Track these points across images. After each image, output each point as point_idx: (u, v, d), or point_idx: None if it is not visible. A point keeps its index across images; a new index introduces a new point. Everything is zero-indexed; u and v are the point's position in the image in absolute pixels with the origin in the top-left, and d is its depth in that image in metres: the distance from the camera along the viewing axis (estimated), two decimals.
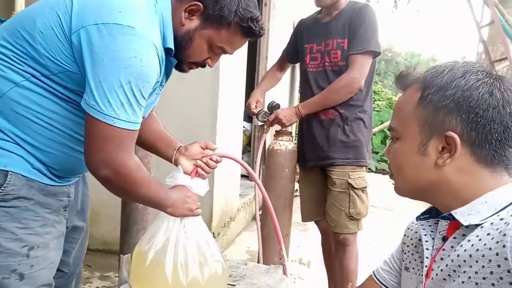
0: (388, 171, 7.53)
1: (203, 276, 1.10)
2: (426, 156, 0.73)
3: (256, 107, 2.00)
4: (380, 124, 7.64)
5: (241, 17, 0.98)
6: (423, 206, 0.80)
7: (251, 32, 1.03)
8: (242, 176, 3.85)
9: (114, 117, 0.87)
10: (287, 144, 1.84)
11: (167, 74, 1.05)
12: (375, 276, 0.96)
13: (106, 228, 2.63)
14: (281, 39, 4.68)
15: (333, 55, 1.85)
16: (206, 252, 1.12)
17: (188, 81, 2.51)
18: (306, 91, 1.95)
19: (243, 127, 3.83)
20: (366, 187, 1.88)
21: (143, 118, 1.08)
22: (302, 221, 2.12)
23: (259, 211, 2.08)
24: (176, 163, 1.18)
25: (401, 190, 0.81)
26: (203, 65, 1.09)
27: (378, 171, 7.57)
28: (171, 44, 0.98)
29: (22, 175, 0.92)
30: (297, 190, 2.24)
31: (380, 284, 0.95)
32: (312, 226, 2.14)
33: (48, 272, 0.98)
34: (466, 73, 0.71)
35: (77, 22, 0.86)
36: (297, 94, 6.05)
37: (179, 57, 1.02)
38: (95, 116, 0.87)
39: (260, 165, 2.06)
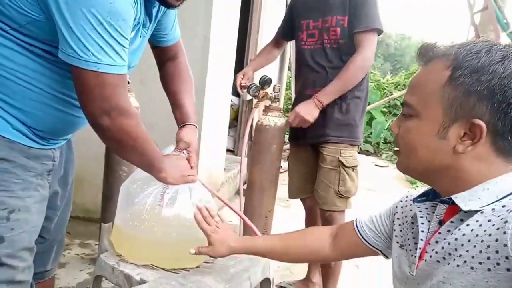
0: (372, 152, 7.65)
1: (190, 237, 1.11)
2: (445, 140, 0.70)
3: (242, 80, 1.95)
4: (367, 105, 7.65)
5: None
6: (405, 187, 0.78)
7: None
8: (228, 150, 3.84)
9: (97, 63, 0.83)
10: (276, 120, 1.82)
11: (149, 15, 1.00)
12: (357, 227, 0.97)
13: (88, 195, 2.60)
14: (273, 13, 4.59)
15: (332, 33, 1.80)
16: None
17: None
18: (303, 69, 1.90)
19: (231, 101, 3.78)
20: (356, 166, 1.88)
21: (134, 66, 1.04)
22: (289, 197, 2.12)
23: (244, 185, 2.09)
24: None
25: (407, 169, 0.78)
26: None
27: (361, 152, 7.65)
28: None
29: (2, 136, 0.88)
30: (281, 167, 2.24)
31: (360, 236, 0.95)
32: (294, 202, 2.15)
33: (29, 236, 0.96)
34: (504, 58, 0.66)
35: None
36: (287, 70, 5.98)
37: None
38: (76, 64, 0.83)
39: (247, 140, 2.05)
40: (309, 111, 1.78)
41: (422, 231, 0.76)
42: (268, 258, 1.13)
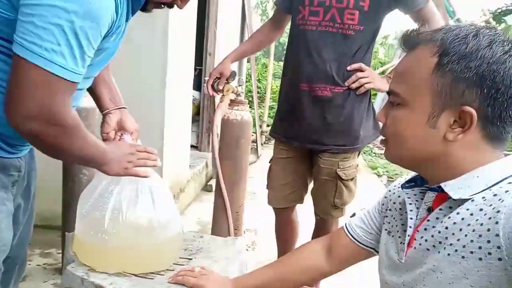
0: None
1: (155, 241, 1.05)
2: (435, 129, 0.68)
3: (218, 85, 1.77)
4: None
5: None
6: (368, 173, 0.77)
7: None
8: (192, 146, 3.76)
9: (45, 59, 0.72)
10: (243, 114, 1.79)
11: (133, 13, 0.93)
12: (347, 230, 0.96)
13: (45, 202, 2.44)
14: (232, 3, 4.52)
15: (349, 16, 1.49)
16: (158, 214, 1.06)
17: (136, 47, 2.34)
18: (299, 56, 1.58)
19: (192, 96, 3.70)
20: (355, 176, 1.72)
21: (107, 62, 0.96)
22: (269, 204, 1.89)
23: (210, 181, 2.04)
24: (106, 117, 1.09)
25: (397, 159, 0.77)
26: (171, 5, 0.96)
27: None
28: None
29: None
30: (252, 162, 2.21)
31: (352, 238, 0.94)
32: (262, 196, 2.12)
33: (0, 255, 0.88)
34: (492, 42, 0.64)
35: None
36: (246, 63, 5.92)
37: None
38: (21, 55, 0.72)
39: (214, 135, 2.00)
40: (382, 83, 1.57)
41: (411, 218, 0.76)
42: None
